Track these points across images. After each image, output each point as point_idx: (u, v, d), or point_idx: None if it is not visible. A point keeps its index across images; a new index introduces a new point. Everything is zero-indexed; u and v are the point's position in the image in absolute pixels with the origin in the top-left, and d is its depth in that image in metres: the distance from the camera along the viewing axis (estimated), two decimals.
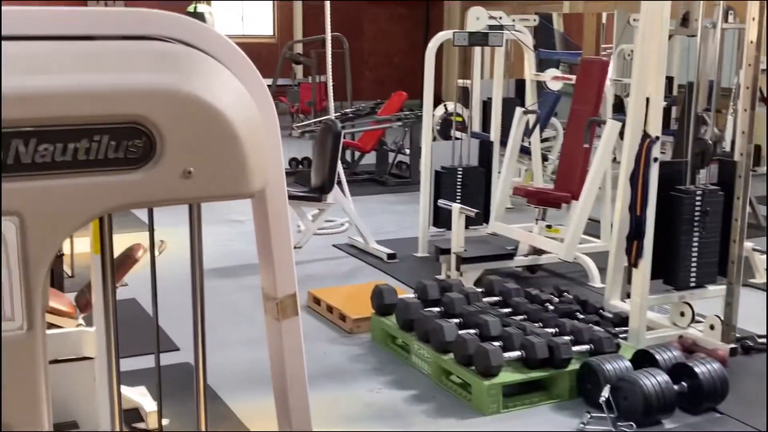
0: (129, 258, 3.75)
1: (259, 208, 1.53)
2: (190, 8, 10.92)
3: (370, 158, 10.42)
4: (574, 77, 6.76)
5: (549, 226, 6.28)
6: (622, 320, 4.83)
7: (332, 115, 7.90)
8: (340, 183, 7.06)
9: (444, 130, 9.71)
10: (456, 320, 4.58)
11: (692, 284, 4.73)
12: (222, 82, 1.38)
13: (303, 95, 12.49)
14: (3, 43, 1.24)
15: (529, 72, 7.16)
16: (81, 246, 6.67)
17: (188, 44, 1.40)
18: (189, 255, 5.61)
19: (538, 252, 6.22)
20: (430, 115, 6.85)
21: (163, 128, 1.28)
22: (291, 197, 6.34)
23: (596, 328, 4.59)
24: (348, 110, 10.35)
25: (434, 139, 9.24)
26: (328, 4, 7.76)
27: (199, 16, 10.87)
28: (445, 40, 6.79)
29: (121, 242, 4.26)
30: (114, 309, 1.50)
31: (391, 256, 6.61)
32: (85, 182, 1.26)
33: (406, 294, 5.18)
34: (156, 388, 2.05)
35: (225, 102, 1.34)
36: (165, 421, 3.76)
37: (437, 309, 4.76)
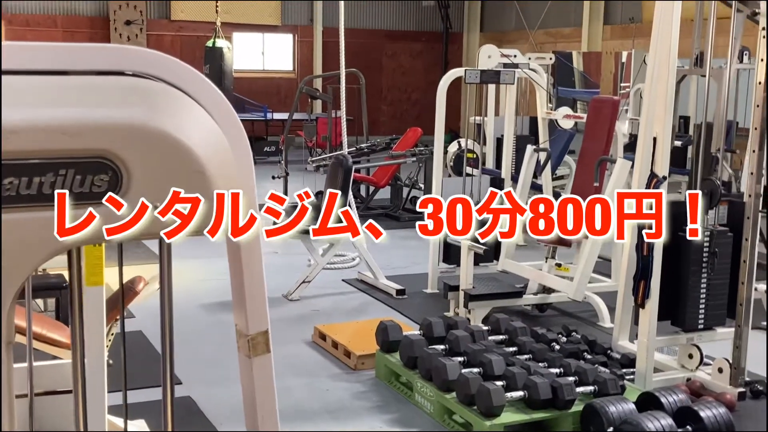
0: (130, 291, 3.75)
1: (231, 244, 1.53)
2: (209, 43, 11.05)
3: (384, 193, 10.43)
4: (585, 116, 6.75)
5: (559, 265, 6.24)
6: (630, 361, 4.76)
7: (346, 149, 7.93)
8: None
9: (457, 166, 9.71)
10: (460, 358, 4.54)
11: (700, 326, 4.67)
12: (192, 119, 1.38)
13: (320, 130, 12.57)
14: None
15: (541, 110, 7.16)
16: None
17: (162, 80, 1.41)
18: (198, 287, 5.67)
19: (547, 291, 6.17)
20: (442, 151, 6.85)
21: (129, 163, 1.28)
22: (301, 231, 6.34)
23: (602, 369, 4.53)
24: (363, 145, 10.38)
25: (449, 175, 9.26)
26: (342, 41, 7.84)
27: (218, 51, 10.99)
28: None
29: (130, 274, 4.29)
30: (81, 342, 1.49)
31: (400, 292, 6.58)
32: (50, 216, 1.26)
33: (413, 331, 5.14)
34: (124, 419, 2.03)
35: (194, 138, 1.34)
36: None
37: (442, 347, 4.73)
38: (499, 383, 4.17)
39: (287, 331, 5.73)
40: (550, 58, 11.19)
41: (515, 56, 7.71)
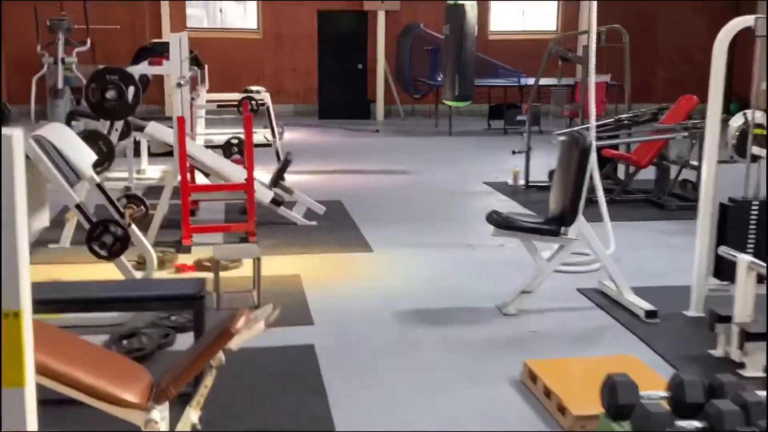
0: (224, 332, 2.64)
1: None
2: (450, 1, 9.83)
3: (647, 174, 8.68)
4: None
5: None
6: None
7: (593, 122, 6.40)
8: (593, 204, 5.55)
9: (743, 145, 7.73)
10: None
11: None
12: None
13: (579, 97, 10.96)
14: None
15: None
16: (274, 266, 5.80)
17: None
18: (404, 288, 3.89)
19: None
20: (716, 125, 5.11)
21: None
22: (520, 228, 4.99)
23: None
24: (623, 116, 8.69)
25: (731, 157, 7.37)
26: None
27: (459, 9, 9.75)
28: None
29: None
30: None
31: (650, 314, 4.99)
32: None
33: (656, 391, 3.61)
34: None
35: None
36: None
37: (696, 424, 3.19)
38: None
39: (490, 361, 4.41)
40: None
41: None
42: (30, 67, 13.31)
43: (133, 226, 5.20)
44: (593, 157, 5.34)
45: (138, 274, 5.33)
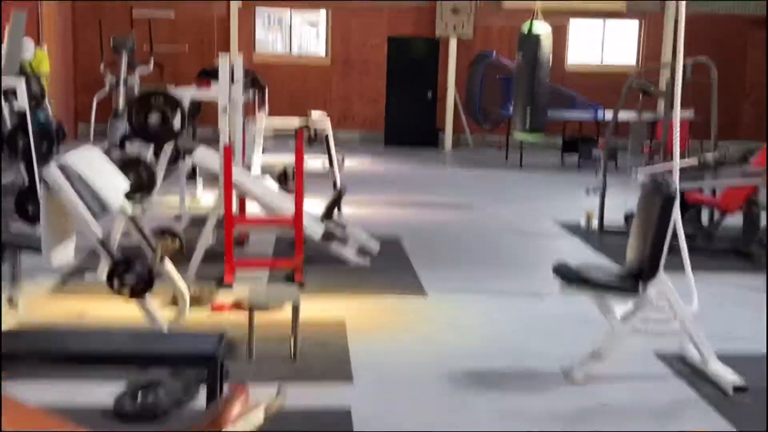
0: (215, 422, 2.14)
1: None
2: (524, 28, 9.30)
3: (733, 220, 7.95)
4: None
5: None
6: None
7: (676, 163, 5.76)
8: (673, 251, 4.92)
9: None
10: None
11: None
12: None
13: (660, 133, 10.28)
14: None
15: None
16: (318, 309, 5.28)
17: None
18: (462, 340, 3.01)
19: None
20: None
21: None
22: (592, 285, 4.41)
23: None
24: (709, 154, 7.99)
25: None
26: (682, 14, 5.73)
27: (533, 38, 9.20)
28: None
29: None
30: None
31: (739, 390, 4.34)
32: None
33: None
34: None
35: None
36: None
37: None
38: None
39: None
40: None
41: None
42: (98, 85, 13.24)
43: (167, 263, 4.80)
44: (677, 207, 4.72)
45: (169, 313, 4.92)
